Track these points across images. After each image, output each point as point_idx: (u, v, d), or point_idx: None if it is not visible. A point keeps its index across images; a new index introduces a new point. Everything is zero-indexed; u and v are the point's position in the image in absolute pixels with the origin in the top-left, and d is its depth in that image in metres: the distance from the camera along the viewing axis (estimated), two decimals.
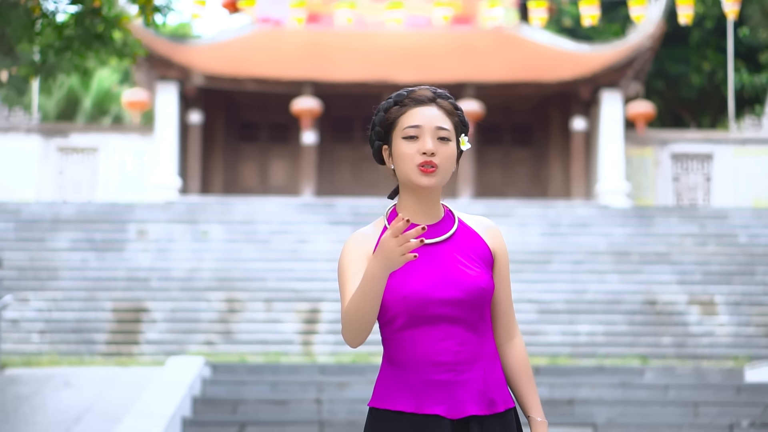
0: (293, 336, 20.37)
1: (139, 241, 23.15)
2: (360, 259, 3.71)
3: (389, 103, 3.79)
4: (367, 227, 3.82)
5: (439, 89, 3.79)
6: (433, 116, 3.72)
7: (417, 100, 3.75)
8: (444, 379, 3.64)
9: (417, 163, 3.69)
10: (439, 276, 3.66)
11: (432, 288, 3.64)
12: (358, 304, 3.55)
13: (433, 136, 3.70)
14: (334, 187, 30.29)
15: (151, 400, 11.00)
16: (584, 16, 28.12)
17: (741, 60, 37.37)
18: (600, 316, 20.94)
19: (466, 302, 3.65)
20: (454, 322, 3.65)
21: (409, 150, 3.71)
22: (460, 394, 3.65)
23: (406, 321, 3.66)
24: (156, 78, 28.52)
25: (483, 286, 3.68)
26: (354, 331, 3.60)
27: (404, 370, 3.67)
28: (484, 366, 3.68)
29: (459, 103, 3.95)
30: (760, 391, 13.41)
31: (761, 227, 24.39)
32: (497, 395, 3.71)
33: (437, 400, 3.64)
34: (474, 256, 3.73)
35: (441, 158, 3.70)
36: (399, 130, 3.74)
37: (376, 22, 31.15)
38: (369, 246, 3.74)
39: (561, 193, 30.22)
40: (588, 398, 12.64)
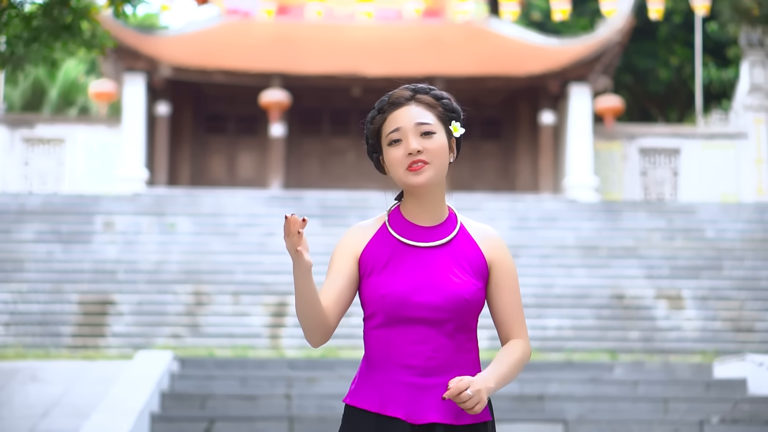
0: (261, 329, 20.30)
1: (105, 233, 23.01)
2: (346, 252, 3.70)
3: (373, 113, 3.79)
4: (367, 221, 3.81)
5: (420, 84, 3.77)
6: (413, 114, 3.68)
7: (394, 103, 3.72)
8: (410, 383, 3.60)
9: (406, 166, 3.64)
10: (422, 280, 3.62)
11: (412, 290, 3.61)
12: (296, 301, 3.56)
13: (415, 134, 3.66)
14: (302, 180, 30.21)
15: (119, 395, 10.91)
16: (555, 11, 28.13)
17: (709, 55, 37.52)
18: (568, 311, 20.96)
19: (445, 309, 3.60)
20: (431, 327, 3.60)
21: (396, 155, 3.67)
22: (424, 399, 3.60)
23: (384, 320, 3.63)
24: (123, 69, 28.35)
25: (466, 296, 3.62)
26: (304, 330, 3.60)
27: (376, 369, 3.64)
28: (458, 375, 3.62)
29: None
30: (729, 387, 13.44)
31: (728, 222, 24.47)
32: None
33: (399, 402, 3.60)
34: (466, 265, 3.68)
35: (429, 153, 3.66)
36: (384, 137, 3.72)
37: (346, 14, 31.07)
38: (363, 238, 3.72)
39: (529, 187, 30.25)
40: (558, 394, 12.62)
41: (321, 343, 3.67)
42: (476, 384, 3.50)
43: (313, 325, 3.58)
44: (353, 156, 30.71)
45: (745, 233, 23.89)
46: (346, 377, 13.40)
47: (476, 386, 3.50)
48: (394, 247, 3.68)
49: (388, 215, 3.76)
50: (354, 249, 3.70)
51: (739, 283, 21.99)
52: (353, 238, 3.72)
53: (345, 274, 3.68)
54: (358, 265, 3.70)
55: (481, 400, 3.49)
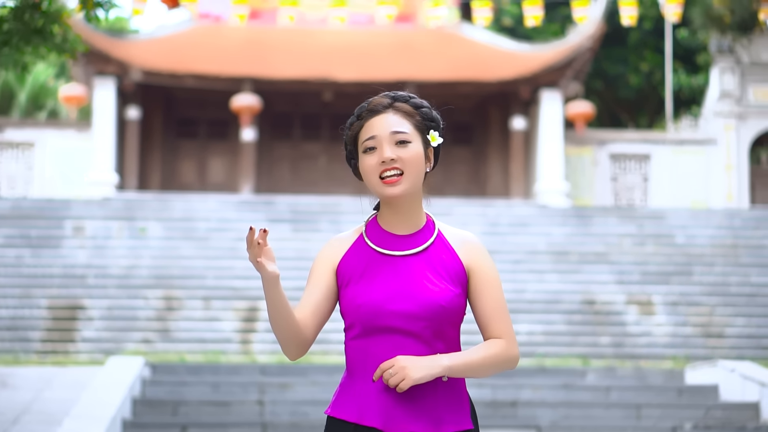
0: (232, 335, 20.22)
1: (75, 238, 22.88)
2: (323, 264, 3.68)
3: (351, 119, 3.73)
4: (346, 232, 3.78)
5: (400, 92, 3.72)
6: (388, 122, 3.63)
7: (372, 110, 3.67)
8: (388, 392, 3.56)
9: (379, 174, 3.60)
10: (397, 288, 3.59)
11: (387, 299, 3.57)
12: (268, 313, 3.55)
13: (390, 143, 3.61)
14: (274, 184, 30.14)
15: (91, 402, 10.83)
16: (527, 17, 28.17)
17: (679, 61, 37.69)
18: (539, 316, 20.98)
19: (420, 317, 3.56)
20: (407, 336, 3.57)
21: (370, 162, 3.63)
22: (402, 409, 3.56)
23: (361, 330, 3.60)
24: (93, 73, 28.21)
25: (442, 303, 3.58)
26: (280, 342, 3.58)
27: (355, 379, 3.62)
28: (437, 384, 3.59)
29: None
30: (701, 393, 13.47)
31: (698, 228, 24.56)
32: (448, 415, 3.60)
33: (376, 412, 3.56)
34: (443, 271, 3.64)
35: (404, 162, 3.60)
36: (360, 144, 3.67)
37: (318, 19, 31.04)
38: (340, 250, 3.70)
39: (500, 192, 30.27)
40: (531, 400, 12.62)
41: (298, 355, 3.64)
42: (401, 360, 3.48)
43: (287, 337, 3.56)
44: (324, 161, 30.67)
45: (715, 239, 23.99)
46: (318, 383, 13.37)
47: (401, 362, 3.48)
48: (370, 257, 3.65)
49: (365, 225, 3.73)
50: (331, 260, 3.68)
51: (709, 289, 22.08)
52: (330, 249, 3.70)
53: (322, 286, 3.66)
54: (335, 276, 3.67)
55: (406, 376, 3.46)
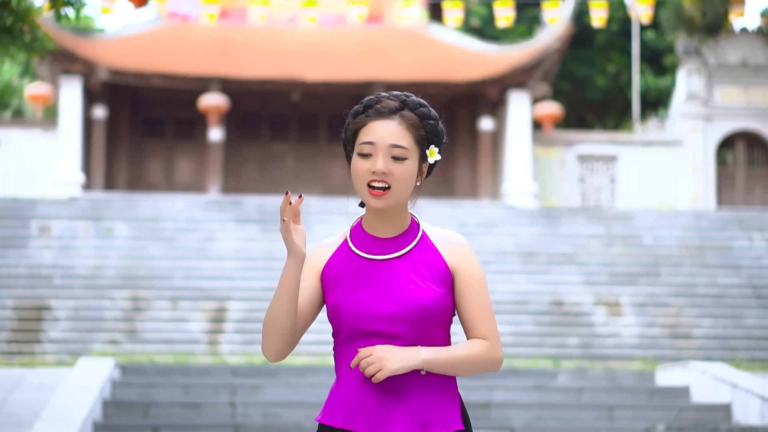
0: (200, 335, 20.12)
1: (41, 238, 22.71)
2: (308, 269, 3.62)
3: (358, 109, 3.60)
4: (332, 237, 3.71)
5: (411, 97, 3.59)
6: (390, 133, 3.52)
7: (379, 111, 3.54)
8: (373, 395, 3.51)
9: (367, 181, 3.52)
10: (381, 291, 3.54)
11: (370, 303, 3.52)
12: (272, 304, 3.51)
13: (386, 155, 3.51)
14: (241, 184, 30.04)
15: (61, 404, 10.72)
16: (498, 18, 28.17)
17: (646, 63, 37.85)
18: (507, 317, 20.97)
19: (404, 318, 3.51)
20: (391, 339, 3.52)
21: (361, 167, 3.53)
22: (388, 412, 3.51)
23: (346, 335, 3.55)
24: (60, 72, 28.04)
25: (425, 303, 3.52)
26: (269, 337, 3.52)
27: (342, 385, 3.57)
28: (423, 385, 3.55)
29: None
30: (672, 395, 13.50)
31: (665, 229, 24.65)
32: (435, 417, 3.54)
33: (363, 416, 3.52)
34: (427, 273, 3.58)
35: (394, 178, 3.51)
36: (357, 144, 3.56)
37: (287, 19, 30.96)
38: (324, 255, 3.65)
39: (468, 193, 30.28)
40: (504, 401, 12.60)
41: (280, 356, 3.58)
42: (379, 350, 3.44)
43: (281, 331, 3.50)
44: (292, 161, 30.59)
45: (681, 240, 24.08)
46: (290, 385, 13.30)
47: (379, 352, 3.43)
48: (354, 262, 3.60)
49: (350, 230, 3.68)
50: (316, 266, 3.63)
51: (677, 290, 22.15)
52: (315, 254, 3.65)
53: (307, 291, 3.61)
54: (320, 281, 3.62)
55: (383, 366, 3.42)
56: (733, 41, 30.02)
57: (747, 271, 22.92)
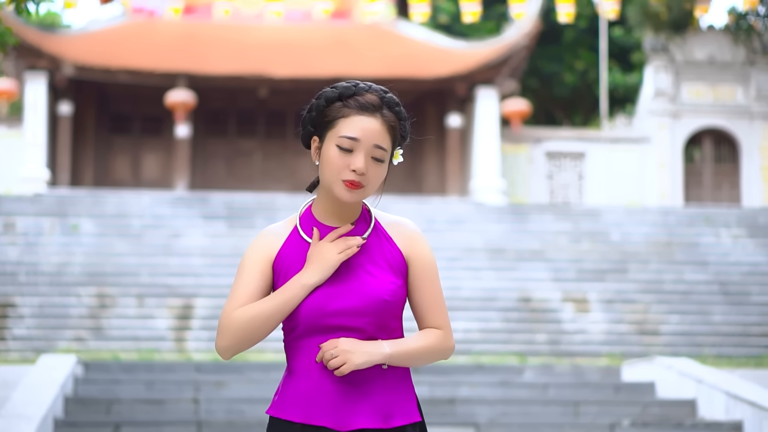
0: (166, 332, 20.00)
1: (6, 235, 22.54)
2: (259, 258, 3.51)
3: (333, 95, 3.48)
4: (278, 224, 3.59)
5: (388, 94, 3.50)
6: (374, 132, 3.44)
7: (361, 105, 3.44)
8: (335, 390, 3.45)
9: (343, 178, 3.44)
10: (339, 285, 3.46)
11: (330, 298, 3.44)
12: (269, 313, 3.41)
13: (367, 154, 3.44)
14: (208, 181, 29.92)
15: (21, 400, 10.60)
16: (465, 13, 28.15)
17: (613, 60, 37.93)
18: (475, 313, 20.94)
19: (364, 313, 3.45)
20: (351, 332, 3.45)
21: (339, 161, 3.43)
22: (350, 405, 3.45)
23: (303, 330, 3.47)
24: (24, 67, 27.85)
25: (386, 297, 3.46)
26: (242, 342, 3.43)
27: (299, 379, 3.48)
28: (383, 377, 3.49)
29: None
30: (638, 390, 13.48)
31: (633, 225, 24.69)
32: (397, 409, 3.50)
33: (325, 411, 3.45)
34: (384, 264, 3.52)
35: (370, 179, 3.46)
36: (335, 134, 3.45)
37: (254, 14, 30.86)
38: (275, 243, 3.54)
39: (436, 189, 30.26)
40: (469, 397, 12.55)
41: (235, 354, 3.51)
42: (344, 343, 3.39)
43: (257, 340, 3.45)
44: (260, 157, 30.49)
45: (649, 237, 24.12)
46: (254, 381, 13.22)
47: (343, 345, 3.38)
48: (306, 251, 3.51)
49: (299, 218, 3.59)
50: (267, 254, 3.52)
51: (644, 287, 22.17)
52: (265, 242, 3.53)
53: (260, 281, 3.50)
54: (272, 271, 3.53)
55: (347, 360, 3.37)
56: (700, 38, 30.10)
57: (714, 268, 22.97)
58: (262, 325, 3.41)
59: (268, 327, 3.42)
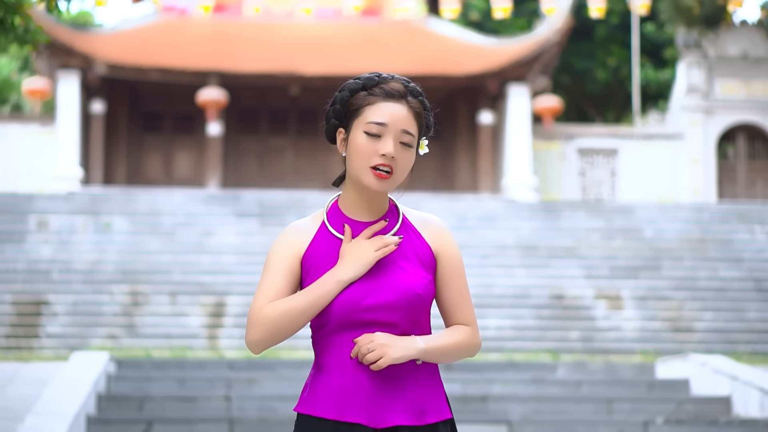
0: (198, 330, 20.04)
1: (39, 233, 22.63)
2: (287, 254, 3.50)
3: (357, 85, 3.49)
4: (305, 219, 3.58)
5: (411, 83, 3.52)
6: (402, 117, 3.45)
7: (387, 92, 3.46)
8: (369, 386, 3.43)
9: (372, 164, 3.44)
10: (372, 280, 3.45)
11: (363, 294, 3.43)
12: (302, 308, 3.40)
13: (396, 139, 3.44)
14: (240, 179, 29.96)
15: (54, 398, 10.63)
16: (495, 8, 28.08)
17: (646, 56, 37.75)
18: (508, 311, 20.88)
19: (399, 308, 3.44)
20: (385, 327, 3.43)
21: (368, 147, 3.44)
22: (385, 402, 3.43)
23: (335, 326, 3.45)
24: (57, 66, 27.96)
25: (419, 291, 3.45)
26: (274, 338, 3.42)
27: (330, 375, 3.46)
28: (416, 374, 3.46)
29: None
30: (672, 387, 13.40)
31: (666, 222, 24.55)
32: (430, 405, 3.48)
33: (359, 407, 3.43)
34: (414, 258, 3.51)
35: (399, 165, 3.45)
36: (362, 121, 3.46)
37: (284, 12, 30.87)
38: (304, 239, 3.52)
39: (468, 187, 30.20)
40: (501, 395, 12.50)
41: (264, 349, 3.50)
42: (380, 337, 3.38)
43: (286, 336, 3.45)
44: (291, 155, 30.51)
45: (682, 233, 23.98)
46: (286, 378, 13.21)
47: (380, 339, 3.38)
48: (336, 247, 3.50)
49: (326, 213, 3.57)
50: (296, 250, 3.51)
51: (678, 283, 22.05)
52: (293, 238, 3.52)
53: (289, 277, 3.49)
54: (300, 267, 3.51)
55: (384, 354, 3.36)
56: (734, 34, 29.91)
57: (748, 264, 22.82)
58: (294, 320, 3.40)
59: (300, 322, 3.41)
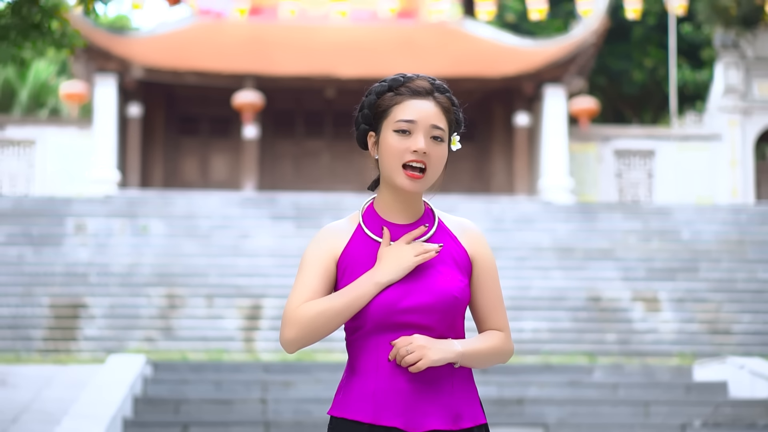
0: (235, 332, 20.07)
1: (77, 236, 22.74)
2: (323, 255, 3.50)
3: (383, 87, 3.51)
4: (340, 221, 3.58)
5: (437, 80, 3.54)
6: (430, 112, 3.47)
7: (414, 90, 3.48)
8: (404, 389, 3.41)
9: (405, 161, 3.44)
10: (409, 282, 3.43)
11: (401, 296, 3.42)
12: (339, 308, 3.39)
13: (426, 134, 3.46)
14: (276, 181, 30.00)
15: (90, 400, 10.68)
16: (531, 10, 28.02)
17: (683, 57, 37.54)
18: (544, 313, 20.82)
19: (435, 309, 3.42)
20: (422, 330, 3.42)
21: (399, 145, 3.45)
22: (421, 406, 3.41)
23: (372, 327, 3.44)
24: (94, 70, 28.08)
25: (456, 294, 3.44)
26: (309, 337, 3.41)
27: (366, 377, 3.44)
28: (452, 378, 3.45)
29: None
30: (709, 390, 13.32)
31: (704, 223, 24.40)
32: (465, 410, 3.47)
33: (396, 411, 3.40)
34: (450, 261, 3.50)
35: (431, 160, 3.46)
36: (390, 121, 3.47)
37: (320, 15, 30.90)
38: (339, 241, 3.52)
39: (504, 188, 30.13)
40: (538, 397, 12.46)
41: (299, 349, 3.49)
42: (419, 339, 3.36)
43: (321, 336, 3.44)
44: (327, 158, 30.53)
45: (720, 235, 23.83)
46: (322, 381, 13.21)
47: (419, 341, 3.36)
48: (373, 249, 3.49)
49: (361, 215, 3.56)
50: (332, 252, 3.50)
51: (716, 285, 21.91)
52: (330, 240, 3.52)
53: (325, 278, 3.49)
54: (336, 268, 3.50)
55: (424, 356, 3.35)
56: None
57: None
58: (330, 320, 3.39)
59: (336, 323, 3.40)
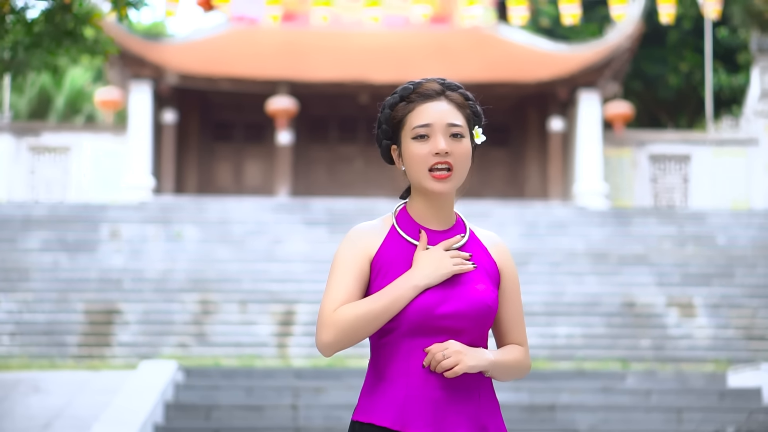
0: (268, 338, 20.10)
1: (111, 242, 22.84)
2: (358, 255, 3.46)
3: (395, 99, 3.53)
4: (373, 221, 3.56)
5: (447, 80, 3.54)
6: (444, 112, 3.46)
7: (424, 95, 3.49)
8: (434, 397, 3.38)
9: (429, 165, 3.44)
10: (446, 288, 3.42)
11: (439, 300, 3.41)
12: (378, 311, 3.37)
13: (445, 134, 3.45)
14: (310, 187, 30.04)
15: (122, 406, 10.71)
16: (565, 15, 27.92)
17: (719, 61, 37.33)
18: (578, 318, 20.74)
19: (469, 317, 3.42)
20: (456, 335, 3.41)
21: (420, 151, 3.45)
22: (449, 415, 3.39)
23: (407, 330, 3.41)
24: (129, 77, 28.20)
25: (489, 303, 3.45)
26: (347, 340, 3.38)
27: (394, 383, 3.41)
28: (480, 388, 3.43)
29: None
30: (743, 397, 13.22)
31: (739, 228, 24.25)
32: (490, 422, 3.45)
33: (426, 420, 3.37)
34: (482, 271, 3.51)
35: (456, 158, 3.45)
36: (408, 129, 3.48)
37: (353, 21, 30.92)
38: (373, 242, 3.49)
39: (538, 193, 30.05)
40: (570, 404, 12.40)
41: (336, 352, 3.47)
42: (455, 345, 3.36)
43: (359, 339, 3.41)
44: (361, 163, 30.54)
45: (756, 240, 23.67)
46: (354, 387, 13.20)
47: (455, 347, 3.35)
48: (408, 251, 3.47)
49: (395, 217, 3.54)
50: (367, 252, 3.47)
51: (752, 291, 21.76)
52: (364, 240, 3.48)
53: (358, 278, 3.45)
54: (369, 269, 3.47)
55: (460, 361, 3.33)
56: None
57: None
58: (369, 323, 3.37)
59: (374, 325, 3.37)
